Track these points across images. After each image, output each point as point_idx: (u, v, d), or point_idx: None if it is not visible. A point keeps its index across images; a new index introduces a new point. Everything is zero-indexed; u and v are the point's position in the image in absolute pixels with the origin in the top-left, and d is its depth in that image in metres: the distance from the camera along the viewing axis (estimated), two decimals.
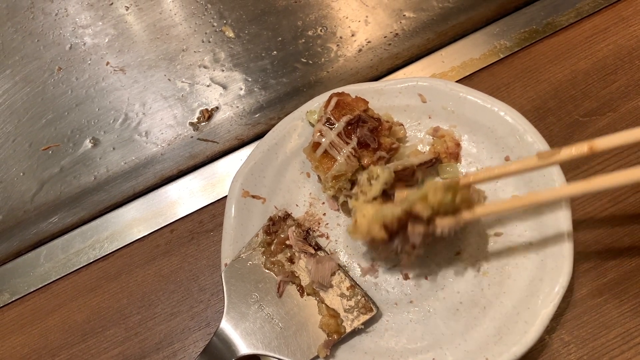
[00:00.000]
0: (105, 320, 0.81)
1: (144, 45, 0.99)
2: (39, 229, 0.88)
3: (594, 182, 0.60)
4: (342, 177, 0.75)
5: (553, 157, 0.62)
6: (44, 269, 0.86)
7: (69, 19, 1.03)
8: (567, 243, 0.68)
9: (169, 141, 0.91)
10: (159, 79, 0.96)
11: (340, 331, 0.69)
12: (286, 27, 0.96)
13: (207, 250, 0.82)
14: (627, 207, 0.74)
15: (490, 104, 0.76)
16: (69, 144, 0.93)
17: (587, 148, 0.60)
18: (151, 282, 0.82)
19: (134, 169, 0.90)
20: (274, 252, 0.74)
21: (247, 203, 0.78)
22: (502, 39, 0.89)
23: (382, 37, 0.93)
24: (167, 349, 0.77)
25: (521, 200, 0.66)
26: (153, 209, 0.87)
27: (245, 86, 0.93)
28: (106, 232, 0.87)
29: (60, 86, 0.98)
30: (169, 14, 1.00)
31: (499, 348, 0.65)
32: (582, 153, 0.60)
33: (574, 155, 0.61)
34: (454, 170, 0.77)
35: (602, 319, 0.69)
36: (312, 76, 0.92)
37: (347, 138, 0.75)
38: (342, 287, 0.71)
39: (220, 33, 0.98)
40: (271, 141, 0.80)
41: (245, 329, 0.70)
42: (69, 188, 0.91)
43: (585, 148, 0.60)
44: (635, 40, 0.85)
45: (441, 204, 0.64)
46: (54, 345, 0.80)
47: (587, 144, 0.60)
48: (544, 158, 0.62)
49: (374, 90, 0.81)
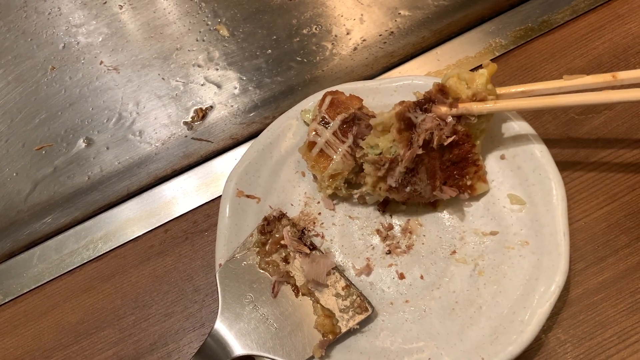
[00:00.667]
0: (99, 321, 0.80)
1: (138, 44, 0.98)
2: (33, 230, 0.88)
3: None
4: (339, 176, 0.74)
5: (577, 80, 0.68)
6: (38, 270, 0.85)
7: (62, 18, 1.02)
8: (563, 242, 0.67)
9: (163, 140, 0.91)
10: (153, 78, 0.95)
11: (335, 331, 0.68)
12: (281, 25, 0.96)
13: (202, 251, 0.82)
14: (623, 206, 0.74)
15: None
16: (62, 143, 0.93)
17: (611, 76, 0.66)
18: (145, 282, 0.81)
19: (127, 169, 0.89)
20: (268, 252, 0.73)
21: (241, 203, 0.77)
22: (497, 37, 0.88)
23: (377, 35, 0.92)
24: (161, 350, 0.77)
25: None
26: (147, 209, 0.86)
27: (240, 85, 0.93)
28: (100, 232, 0.86)
29: (53, 85, 0.97)
30: (163, 12, 1.00)
31: (495, 347, 0.65)
32: (606, 80, 0.66)
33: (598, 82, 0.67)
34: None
35: (598, 318, 0.69)
36: (307, 75, 0.92)
37: (343, 137, 0.74)
38: (337, 287, 0.71)
39: (214, 32, 0.97)
40: (266, 140, 0.80)
41: (239, 330, 0.69)
42: (63, 188, 0.90)
43: (609, 76, 0.66)
44: (631, 37, 0.84)
45: (470, 80, 0.70)
46: (47, 347, 0.80)
47: (611, 73, 0.66)
48: (569, 79, 0.68)
49: (369, 89, 0.80)
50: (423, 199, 0.73)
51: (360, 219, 0.77)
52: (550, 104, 0.69)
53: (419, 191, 0.70)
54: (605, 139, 0.78)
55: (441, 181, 0.71)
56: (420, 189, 0.70)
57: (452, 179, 0.72)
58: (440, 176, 0.71)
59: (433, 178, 0.71)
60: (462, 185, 0.72)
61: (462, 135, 0.70)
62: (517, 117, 0.74)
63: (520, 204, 0.73)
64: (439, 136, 0.68)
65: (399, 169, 0.69)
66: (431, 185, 0.71)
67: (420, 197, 0.72)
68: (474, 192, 0.73)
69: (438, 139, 0.68)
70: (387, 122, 0.69)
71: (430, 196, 0.72)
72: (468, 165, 0.72)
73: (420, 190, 0.70)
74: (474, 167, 0.72)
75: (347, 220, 0.77)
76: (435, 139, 0.68)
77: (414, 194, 0.71)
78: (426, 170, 0.70)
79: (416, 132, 0.69)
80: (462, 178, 0.72)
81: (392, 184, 0.70)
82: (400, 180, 0.70)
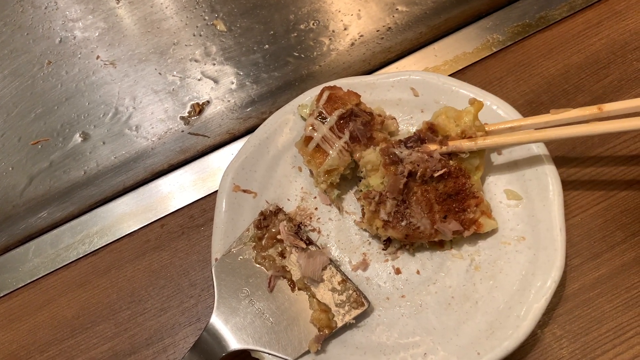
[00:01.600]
0: (94, 316, 0.80)
1: (135, 39, 0.98)
2: (28, 224, 0.88)
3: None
4: (335, 172, 0.74)
5: (564, 114, 0.68)
6: (33, 264, 0.85)
7: (58, 13, 1.01)
8: (559, 237, 0.67)
9: (159, 135, 0.90)
10: (149, 73, 0.95)
11: (331, 326, 0.68)
12: (278, 20, 0.96)
13: (198, 245, 0.81)
14: (619, 202, 0.74)
15: (482, 97, 0.76)
16: (58, 138, 0.92)
17: (597, 108, 0.67)
18: (141, 277, 0.81)
19: (124, 164, 0.89)
20: (265, 247, 0.73)
21: (238, 197, 0.77)
22: (495, 33, 0.88)
23: (374, 30, 0.92)
24: (157, 345, 0.77)
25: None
26: (143, 204, 0.86)
27: (237, 80, 0.93)
28: (96, 227, 0.86)
29: (50, 80, 0.97)
30: (160, 7, 0.99)
31: (491, 342, 0.65)
32: (592, 113, 0.67)
33: (584, 116, 0.67)
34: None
35: (594, 314, 0.69)
36: (304, 70, 0.92)
37: (339, 132, 0.74)
38: (333, 282, 0.71)
39: (211, 27, 0.97)
40: (262, 135, 0.80)
41: (235, 324, 0.69)
42: (59, 182, 0.90)
43: (595, 109, 0.67)
44: (628, 34, 0.84)
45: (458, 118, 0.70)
46: (42, 341, 0.80)
47: (597, 106, 0.67)
48: (556, 113, 0.68)
49: (367, 84, 0.80)
50: (424, 236, 0.69)
51: (357, 214, 0.77)
52: (538, 138, 0.69)
53: (417, 225, 0.69)
54: (601, 135, 0.78)
55: (441, 215, 0.69)
56: (418, 223, 0.69)
57: (453, 213, 0.69)
58: (439, 210, 0.69)
59: (431, 211, 0.69)
60: (466, 220, 0.69)
61: (454, 169, 0.70)
62: (513, 112, 0.74)
63: (516, 200, 0.73)
64: (425, 168, 0.68)
65: (389, 201, 0.69)
66: (430, 218, 0.69)
67: (420, 233, 0.69)
68: (480, 228, 0.70)
69: (423, 171, 0.68)
70: (375, 160, 0.71)
71: (431, 231, 0.69)
72: (467, 197, 0.70)
73: (419, 224, 0.69)
74: (474, 199, 0.70)
75: (344, 215, 0.77)
76: (419, 171, 0.68)
77: (412, 228, 0.69)
78: (420, 202, 0.69)
79: (402, 165, 0.69)
80: (464, 212, 0.69)
81: (384, 217, 0.69)
82: (393, 213, 0.69)
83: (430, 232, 0.69)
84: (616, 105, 0.66)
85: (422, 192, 0.69)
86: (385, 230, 0.70)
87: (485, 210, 0.71)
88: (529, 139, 0.69)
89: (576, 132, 0.67)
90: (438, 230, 0.69)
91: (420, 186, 0.70)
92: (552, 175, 0.70)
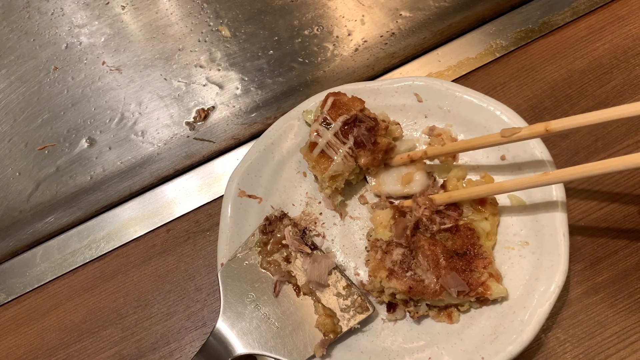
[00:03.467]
0: (101, 320, 0.80)
1: (140, 45, 0.98)
2: (35, 229, 0.88)
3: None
4: (340, 177, 0.75)
5: (514, 135, 0.68)
6: (40, 269, 0.86)
7: (64, 19, 1.02)
8: (562, 242, 0.68)
9: (165, 141, 0.91)
10: (155, 79, 0.96)
11: (336, 330, 0.69)
12: (282, 26, 0.96)
13: (204, 250, 0.82)
14: (621, 207, 0.74)
15: (486, 103, 0.76)
16: (65, 143, 0.93)
17: (544, 128, 0.65)
18: (147, 282, 0.81)
19: (130, 169, 0.90)
20: (270, 252, 0.74)
21: (243, 203, 0.77)
22: (498, 38, 0.89)
23: (378, 36, 0.93)
24: (163, 349, 0.77)
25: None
26: (149, 209, 0.87)
27: (242, 85, 0.93)
28: (102, 232, 0.86)
29: (56, 86, 0.97)
30: (165, 13, 1.00)
31: (495, 347, 0.66)
32: (539, 132, 0.66)
33: (532, 134, 0.67)
34: (450, 168, 0.77)
35: (598, 318, 0.70)
36: (309, 75, 0.92)
37: (344, 138, 0.75)
38: (338, 287, 0.71)
39: (216, 32, 0.97)
40: (267, 141, 0.80)
41: (241, 329, 0.70)
42: (65, 188, 0.90)
43: (542, 128, 0.66)
44: (631, 39, 0.85)
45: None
46: (50, 346, 0.80)
47: (544, 124, 0.65)
48: (506, 135, 0.68)
49: (370, 90, 0.81)
50: (428, 292, 0.66)
51: (362, 219, 0.78)
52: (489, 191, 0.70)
53: (422, 277, 0.67)
54: (604, 140, 0.79)
55: (447, 271, 0.67)
56: (423, 275, 0.67)
57: (459, 271, 0.67)
58: (445, 266, 0.67)
59: (437, 266, 0.67)
60: (473, 282, 0.67)
61: (463, 227, 0.70)
62: (517, 118, 0.75)
63: (520, 205, 0.73)
64: (431, 213, 0.70)
65: (396, 249, 0.69)
66: (435, 273, 0.66)
67: (424, 287, 0.66)
68: (487, 291, 0.67)
69: (428, 217, 0.70)
70: (386, 217, 0.73)
71: (436, 287, 0.66)
72: (475, 257, 0.69)
73: (423, 277, 0.67)
74: (482, 260, 0.68)
75: (348, 220, 0.78)
76: (425, 216, 0.70)
77: (417, 280, 0.67)
78: (427, 255, 0.67)
79: (410, 213, 0.71)
80: (471, 272, 0.67)
81: (390, 266, 0.68)
82: (399, 263, 0.68)
83: (435, 288, 0.66)
84: (561, 123, 0.64)
85: (429, 245, 0.68)
86: (389, 280, 0.67)
87: (494, 273, 0.68)
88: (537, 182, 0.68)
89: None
90: (443, 286, 0.66)
91: (428, 239, 0.69)
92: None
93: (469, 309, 0.70)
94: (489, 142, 0.71)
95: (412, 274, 0.67)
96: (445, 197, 0.71)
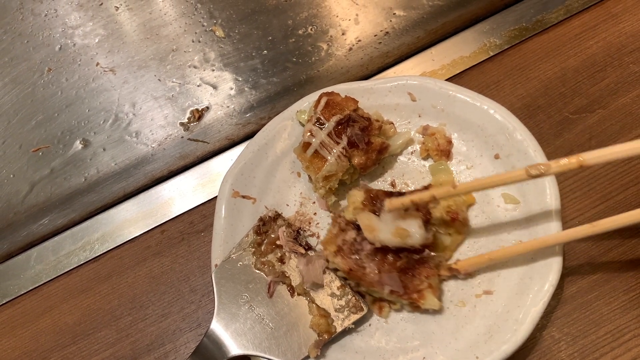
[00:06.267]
0: (96, 322, 0.80)
1: (134, 46, 0.98)
2: (30, 231, 0.88)
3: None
4: (333, 177, 0.75)
5: (543, 172, 0.63)
6: (35, 271, 0.85)
7: (58, 20, 1.02)
8: None
9: (159, 141, 0.91)
10: (149, 80, 0.95)
11: (331, 331, 0.69)
12: (276, 26, 0.96)
13: (198, 251, 0.82)
14: (616, 205, 0.74)
15: (479, 102, 0.76)
16: (59, 145, 0.93)
17: (577, 163, 0.61)
18: (142, 283, 0.81)
19: (124, 170, 0.90)
20: (264, 253, 0.74)
21: (237, 203, 0.77)
22: (492, 37, 0.89)
23: (372, 35, 0.93)
24: (158, 350, 0.77)
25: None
26: (144, 210, 0.87)
27: (236, 86, 0.93)
28: (97, 233, 0.86)
29: (50, 87, 0.97)
30: (159, 14, 1.00)
31: (490, 346, 0.66)
32: (571, 168, 0.61)
33: (563, 169, 0.62)
34: (445, 168, 0.77)
35: (592, 316, 0.70)
36: (303, 75, 0.92)
37: (337, 138, 0.75)
38: (332, 287, 0.71)
39: (210, 33, 0.97)
40: (261, 141, 0.80)
41: (235, 330, 0.70)
42: (60, 189, 0.90)
43: (574, 161, 0.61)
44: (625, 37, 0.85)
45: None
46: (44, 348, 0.80)
47: (577, 158, 0.61)
48: (532, 174, 0.63)
49: (364, 89, 0.81)
50: (366, 281, 0.67)
51: None
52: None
53: (364, 264, 0.67)
54: (598, 138, 0.79)
55: (391, 268, 0.67)
56: (365, 263, 0.67)
57: (402, 272, 0.67)
58: (391, 262, 0.67)
59: (382, 260, 0.67)
60: (411, 287, 0.67)
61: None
62: (510, 116, 0.75)
63: (514, 203, 0.73)
64: None
65: (352, 231, 0.69)
66: (378, 266, 0.67)
67: (364, 275, 0.67)
68: (420, 299, 0.67)
69: None
70: (359, 200, 0.71)
71: (374, 278, 0.67)
72: (422, 264, 0.68)
73: (366, 265, 0.67)
74: (428, 269, 0.67)
75: None
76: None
77: (359, 265, 0.67)
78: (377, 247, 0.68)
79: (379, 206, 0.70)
80: (413, 277, 0.67)
81: (340, 243, 0.69)
82: (350, 244, 0.68)
83: (373, 278, 0.67)
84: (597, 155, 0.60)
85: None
86: (335, 256, 0.68)
87: (433, 285, 0.67)
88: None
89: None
90: (380, 281, 0.67)
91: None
92: (549, 179, 0.71)
93: (400, 308, 0.71)
94: (510, 179, 0.65)
95: (357, 259, 0.68)
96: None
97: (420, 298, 0.67)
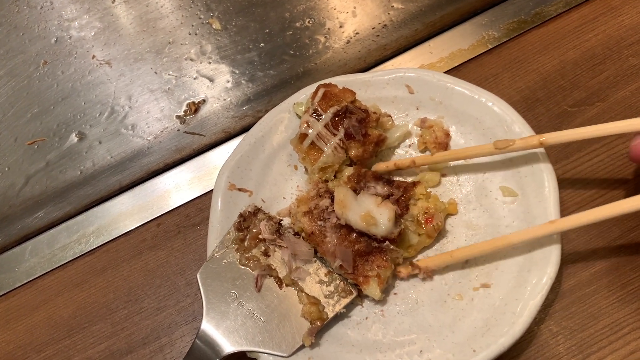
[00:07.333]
0: (91, 316, 0.80)
1: (130, 38, 0.98)
2: (25, 224, 0.88)
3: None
4: (329, 169, 0.74)
5: (508, 147, 0.70)
6: (30, 264, 0.85)
7: (54, 12, 1.01)
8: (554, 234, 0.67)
9: (155, 134, 0.90)
10: (145, 72, 0.95)
11: (322, 317, 0.68)
12: (274, 18, 0.95)
13: (194, 244, 0.81)
14: (615, 198, 0.73)
15: (477, 94, 0.76)
16: (54, 138, 0.92)
17: (538, 141, 0.68)
18: (137, 276, 0.81)
19: (120, 163, 0.89)
20: (248, 248, 0.73)
21: (233, 196, 0.77)
22: (490, 30, 0.88)
23: (370, 28, 0.92)
24: (154, 344, 0.77)
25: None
26: (139, 203, 0.86)
27: (233, 78, 0.92)
28: (92, 226, 0.86)
29: (45, 80, 0.97)
30: (156, 6, 0.99)
31: (487, 339, 0.65)
32: (533, 145, 0.69)
33: (526, 146, 0.69)
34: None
35: (591, 310, 0.69)
36: (300, 68, 0.92)
37: (334, 129, 0.74)
38: (319, 274, 0.71)
39: (207, 25, 0.97)
40: (258, 134, 0.79)
41: (227, 328, 0.69)
42: (55, 182, 0.90)
43: (536, 141, 0.68)
44: (624, 30, 0.84)
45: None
46: (39, 341, 0.80)
47: (538, 137, 0.68)
48: (499, 147, 0.70)
49: (362, 82, 0.80)
50: (322, 249, 0.69)
51: None
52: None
53: (326, 233, 0.69)
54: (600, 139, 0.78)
55: (348, 246, 0.68)
56: (328, 233, 0.69)
57: (358, 253, 0.68)
58: (351, 240, 0.69)
59: (344, 236, 0.69)
60: (360, 269, 0.68)
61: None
62: (509, 109, 0.74)
63: (512, 196, 0.72)
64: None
65: (326, 199, 0.71)
66: (339, 239, 0.69)
67: (322, 242, 0.69)
68: (363, 285, 0.68)
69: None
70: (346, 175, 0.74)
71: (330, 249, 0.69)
72: (379, 254, 0.68)
73: (327, 233, 0.69)
74: (382, 260, 0.68)
75: None
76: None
77: (320, 232, 0.69)
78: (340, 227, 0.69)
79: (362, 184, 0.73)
80: (366, 262, 0.68)
81: (311, 207, 0.71)
82: (320, 210, 0.70)
83: (329, 249, 0.68)
84: (556, 136, 0.68)
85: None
86: (303, 215, 0.71)
87: (381, 277, 0.68)
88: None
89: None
90: (335, 253, 0.68)
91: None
92: (547, 171, 0.70)
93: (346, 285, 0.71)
94: (481, 153, 0.73)
95: (322, 225, 0.69)
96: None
97: (364, 283, 0.68)
